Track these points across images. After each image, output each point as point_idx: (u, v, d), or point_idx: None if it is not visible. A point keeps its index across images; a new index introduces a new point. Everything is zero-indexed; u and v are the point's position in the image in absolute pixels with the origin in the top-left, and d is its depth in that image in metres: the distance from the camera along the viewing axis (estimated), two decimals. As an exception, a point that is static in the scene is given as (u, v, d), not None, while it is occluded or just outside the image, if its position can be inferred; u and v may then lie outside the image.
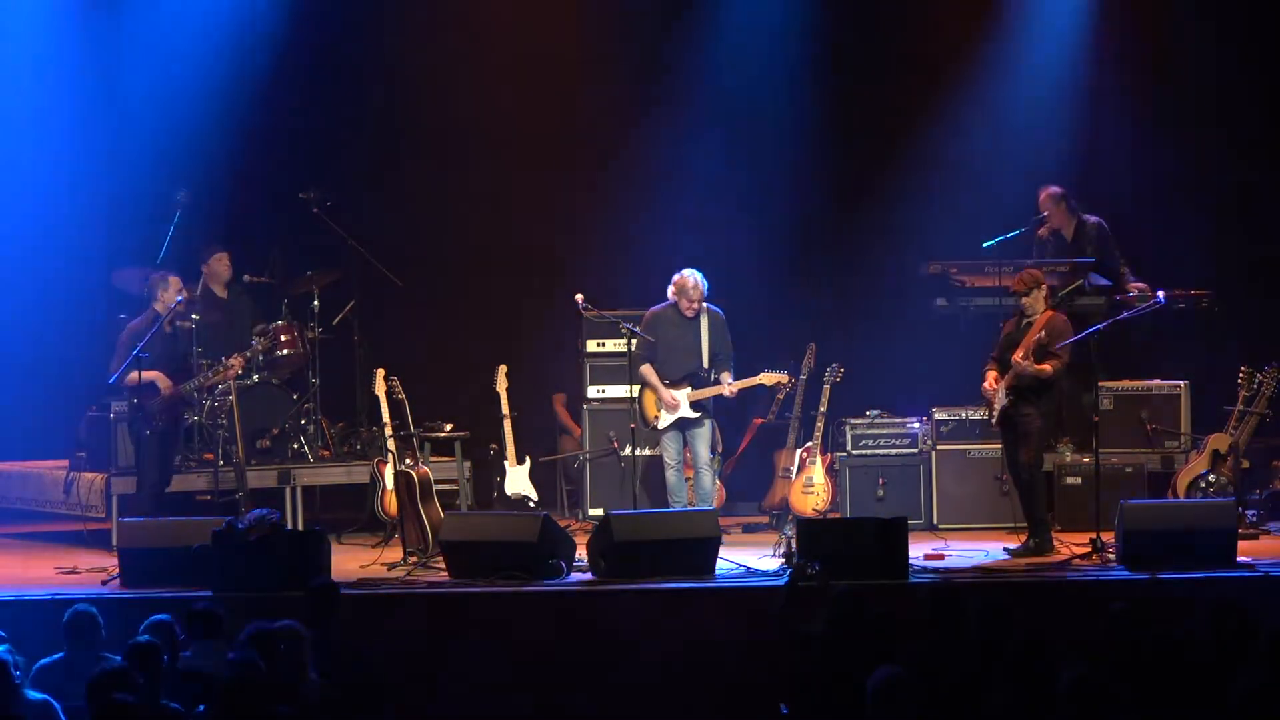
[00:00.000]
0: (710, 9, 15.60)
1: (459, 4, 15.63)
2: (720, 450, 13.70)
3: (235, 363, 13.16)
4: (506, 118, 15.45)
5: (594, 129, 15.54)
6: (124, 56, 15.15)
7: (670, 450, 13.11)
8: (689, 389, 13.03)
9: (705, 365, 13.08)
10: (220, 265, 14.48)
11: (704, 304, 13.07)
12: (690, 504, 13.06)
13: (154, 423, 12.80)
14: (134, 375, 12.46)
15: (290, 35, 15.31)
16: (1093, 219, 14.45)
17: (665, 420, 13.05)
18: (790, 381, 13.63)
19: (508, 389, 13.65)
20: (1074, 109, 15.30)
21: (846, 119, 15.52)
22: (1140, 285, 14.19)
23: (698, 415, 13.04)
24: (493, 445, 13.77)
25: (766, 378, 13.17)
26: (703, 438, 13.08)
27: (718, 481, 13.57)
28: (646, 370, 13.05)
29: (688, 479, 13.23)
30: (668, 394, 13.01)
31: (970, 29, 15.33)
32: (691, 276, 13.04)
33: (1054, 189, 14.38)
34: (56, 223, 15.26)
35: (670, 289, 13.11)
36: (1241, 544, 11.76)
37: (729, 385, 12.99)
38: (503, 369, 13.68)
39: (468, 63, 15.52)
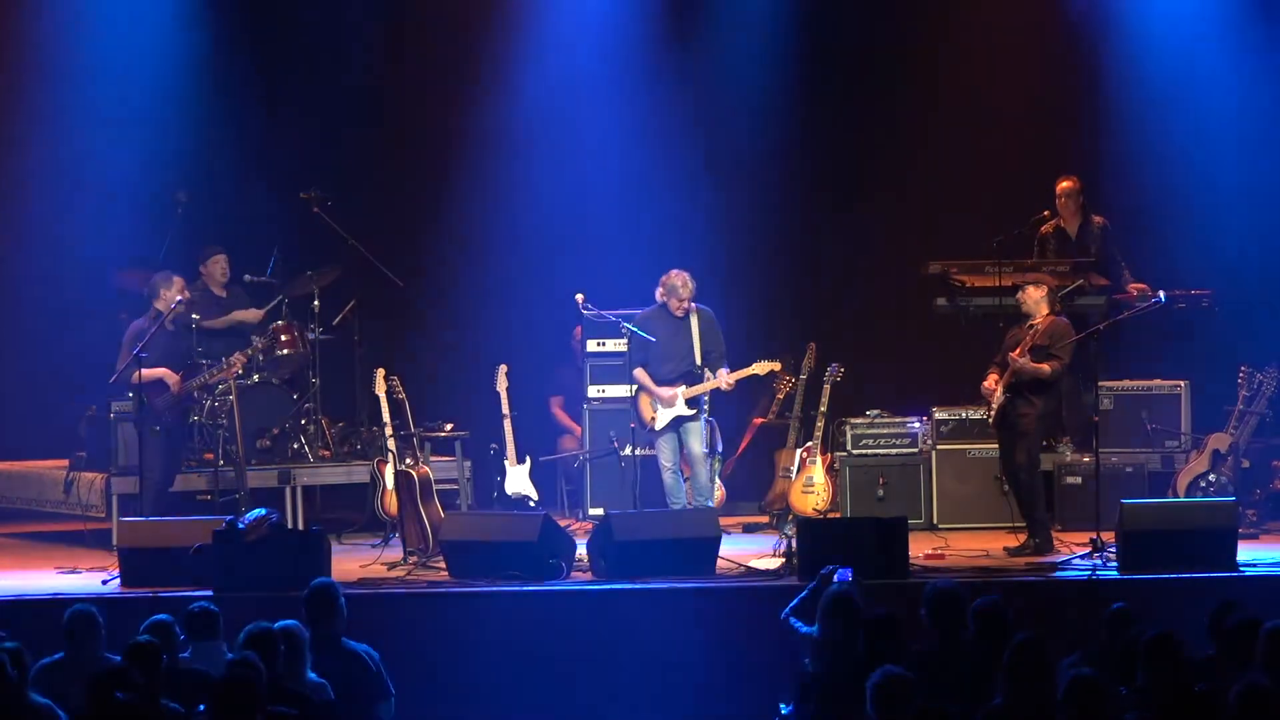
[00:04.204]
0: (707, 8, 15.59)
1: (460, 5, 15.62)
2: (720, 450, 13.70)
3: (237, 360, 13.15)
4: (508, 118, 15.44)
5: (594, 129, 15.53)
6: (123, 55, 15.14)
7: (665, 452, 13.09)
8: (683, 387, 13.03)
9: (698, 364, 13.07)
10: (216, 267, 14.46)
11: (693, 303, 13.07)
12: (689, 503, 13.05)
13: (161, 420, 12.82)
14: (139, 373, 12.46)
15: (290, 34, 15.32)
16: (1098, 218, 14.48)
17: (662, 420, 13.04)
18: (787, 377, 13.66)
19: (508, 389, 13.65)
20: (1074, 108, 15.29)
21: (847, 118, 15.52)
22: (1140, 285, 14.20)
23: (693, 412, 13.03)
24: (493, 445, 13.77)
25: (760, 367, 13.17)
26: (695, 433, 13.06)
27: (718, 481, 13.57)
28: (639, 374, 13.04)
29: (687, 479, 13.22)
30: (663, 391, 12.99)
31: (969, 27, 15.34)
32: (680, 275, 13.04)
33: (1076, 180, 14.40)
34: (56, 223, 15.26)
35: (659, 291, 13.11)
36: (1241, 544, 11.76)
37: (725, 378, 12.98)
38: (503, 369, 13.68)
39: (469, 62, 15.51)
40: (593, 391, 14.63)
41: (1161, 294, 13.65)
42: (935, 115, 15.37)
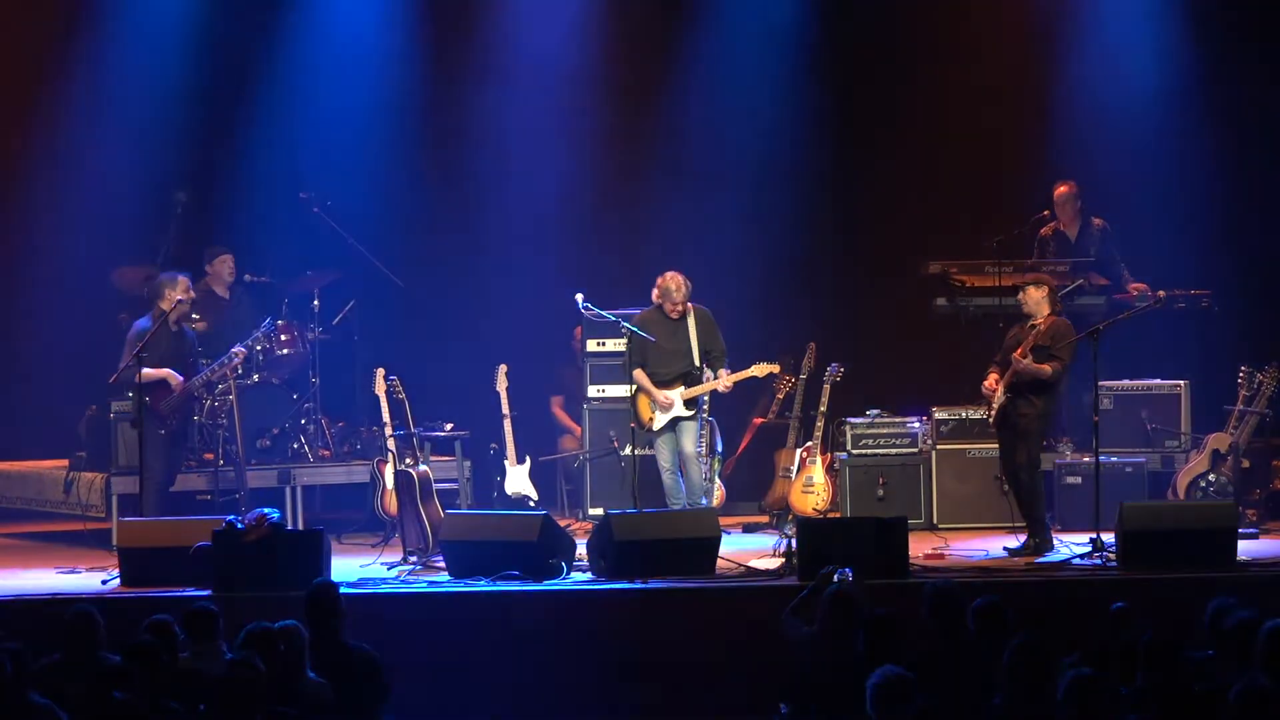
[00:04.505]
0: (707, 10, 15.60)
1: (458, 5, 15.62)
2: (720, 450, 13.70)
3: (238, 354, 13.13)
4: (507, 118, 15.44)
5: (593, 129, 15.53)
6: (124, 55, 15.15)
7: (664, 453, 13.08)
8: (682, 388, 13.02)
9: (696, 364, 13.06)
10: (223, 266, 14.47)
11: (689, 303, 13.06)
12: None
13: (168, 422, 12.81)
14: (140, 373, 12.46)
15: (290, 34, 15.32)
16: (1097, 219, 14.49)
17: (660, 421, 13.04)
18: (787, 377, 13.66)
19: (508, 389, 13.65)
20: (1074, 107, 15.29)
21: (846, 118, 15.52)
22: (1140, 285, 14.21)
23: (690, 413, 13.02)
24: (493, 445, 13.77)
25: (759, 369, 13.17)
26: (688, 432, 13.04)
27: (718, 481, 13.57)
28: (639, 375, 13.03)
29: (686, 479, 13.23)
30: (661, 394, 13.00)
31: (970, 26, 15.34)
32: (674, 278, 13.04)
33: (1073, 185, 14.42)
34: (56, 223, 15.26)
35: (654, 292, 13.11)
36: (1241, 544, 11.76)
37: (724, 380, 12.98)
38: (503, 369, 13.68)
39: (468, 63, 15.51)
40: (593, 391, 14.63)
41: (1161, 294, 13.66)
42: (936, 115, 15.36)
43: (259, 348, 13.99)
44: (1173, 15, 15.17)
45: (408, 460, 13.03)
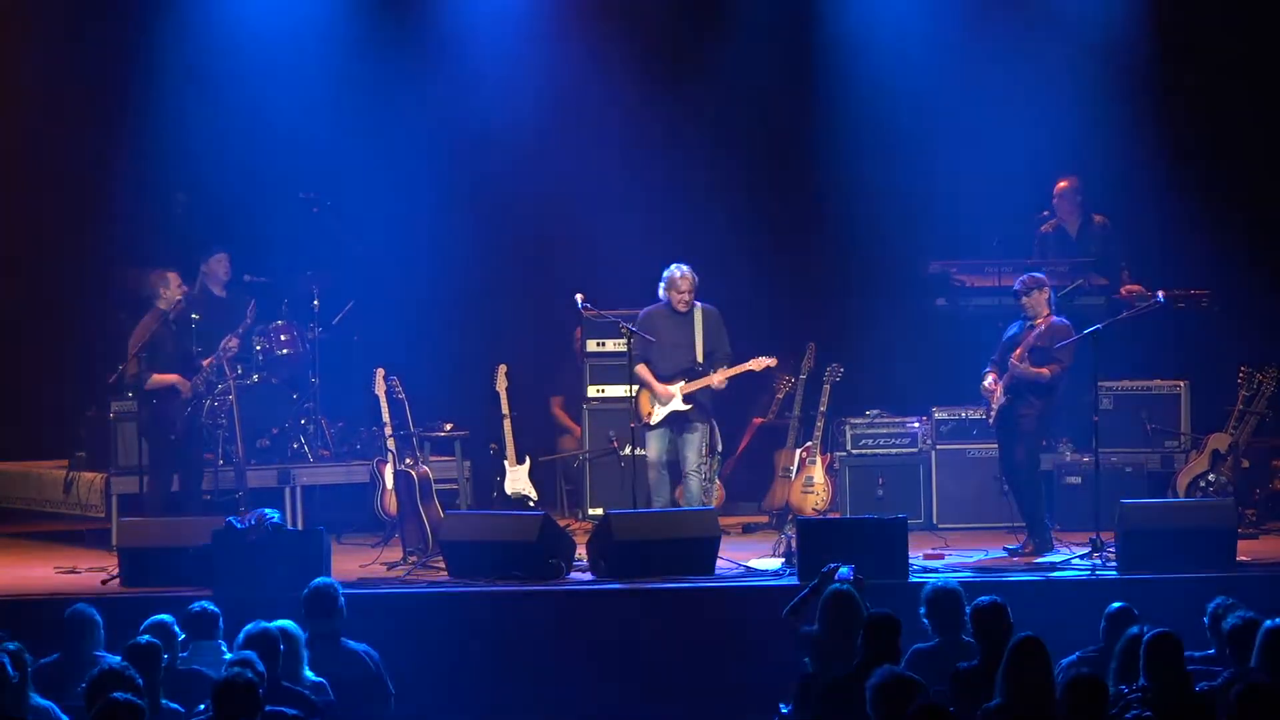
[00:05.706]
0: (711, 11, 15.59)
1: (455, 3, 15.62)
2: (720, 450, 13.69)
3: (232, 344, 13.11)
4: (506, 118, 15.44)
5: (593, 128, 15.53)
6: (123, 56, 15.15)
7: (654, 449, 13.03)
8: (682, 382, 13.01)
9: (699, 361, 13.05)
10: (219, 266, 14.47)
11: (696, 300, 13.04)
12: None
13: (175, 428, 12.79)
14: (154, 378, 12.48)
15: (288, 35, 15.31)
16: (1099, 217, 14.49)
17: (659, 415, 13.01)
18: (787, 377, 13.66)
19: (508, 389, 13.65)
20: (1074, 107, 15.28)
21: (846, 117, 15.51)
22: (1136, 286, 14.21)
23: (688, 408, 12.97)
24: (493, 445, 13.77)
25: (756, 363, 13.13)
26: (692, 443, 13.00)
27: (717, 481, 13.56)
28: (641, 370, 13.02)
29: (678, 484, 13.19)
30: (661, 388, 12.98)
31: (970, 27, 15.34)
32: (679, 269, 13.04)
33: (1075, 180, 14.43)
34: (56, 223, 15.27)
35: (661, 287, 13.10)
36: (1241, 544, 11.77)
37: (718, 375, 12.94)
38: (503, 369, 13.67)
39: (466, 61, 15.51)
40: (593, 391, 14.64)
41: (1161, 294, 13.67)
42: (936, 113, 15.35)
43: (260, 346, 13.98)
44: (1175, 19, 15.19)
45: (408, 460, 13.03)
